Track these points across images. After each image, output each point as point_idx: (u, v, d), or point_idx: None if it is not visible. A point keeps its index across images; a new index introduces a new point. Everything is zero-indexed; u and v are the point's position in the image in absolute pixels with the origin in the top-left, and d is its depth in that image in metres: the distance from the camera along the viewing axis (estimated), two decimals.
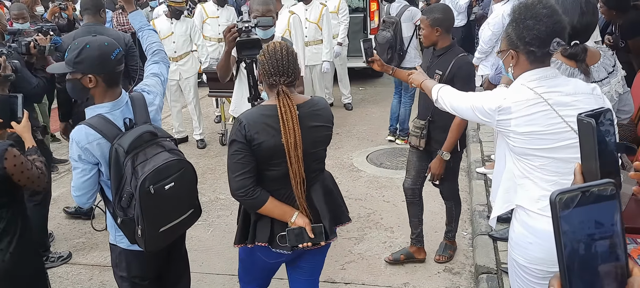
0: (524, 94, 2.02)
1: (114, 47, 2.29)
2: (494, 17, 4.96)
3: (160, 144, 2.28)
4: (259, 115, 2.26)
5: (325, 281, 3.76)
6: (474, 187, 4.89)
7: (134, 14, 2.87)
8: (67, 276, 4.02)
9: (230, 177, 2.27)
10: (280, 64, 2.24)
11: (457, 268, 3.85)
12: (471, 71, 3.40)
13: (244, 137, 2.22)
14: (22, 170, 2.49)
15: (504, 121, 2.05)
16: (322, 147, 2.44)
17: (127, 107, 2.36)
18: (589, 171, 1.06)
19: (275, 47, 2.27)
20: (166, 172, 2.19)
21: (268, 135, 2.22)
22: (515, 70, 2.11)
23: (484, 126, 6.27)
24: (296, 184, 2.30)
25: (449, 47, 3.48)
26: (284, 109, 2.20)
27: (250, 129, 2.21)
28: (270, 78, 2.26)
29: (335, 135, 6.69)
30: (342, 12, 7.20)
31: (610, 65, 2.70)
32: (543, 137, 2.00)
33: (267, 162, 2.27)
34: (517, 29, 2.04)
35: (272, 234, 2.36)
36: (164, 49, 2.83)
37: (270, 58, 2.25)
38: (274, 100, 2.25)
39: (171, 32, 6.25)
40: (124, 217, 2.24)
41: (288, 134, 2.20)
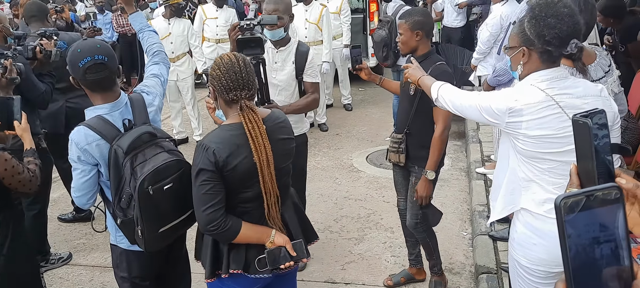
0: (536, 96, 1.97)
1: (83, 55, 2.22)
2: (492, 18, 4.96)
3: (159, 145, 2.28)
4: (228, 137, 2.06)
5: (326, 281, 3.77)
6: (473, 187, 4.90)
7: (135, 16, 2.87)
8: (67, 277, 4.03)
9: (198, 212, 2.06)
10: (240, 76, 2.06)
11: (457, 268, 3.86)
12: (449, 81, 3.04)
13: (214, 164, 2.01)
14: (12, 174, 2.48)
15: (515, 123, 1.99)
16: (289, 160, 2.29)
17: (126, 108, 2.37)
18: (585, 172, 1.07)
19: (230, 59, 2.09)
20: (165, 173, 2.18)
21: (241, 157, 2.04)
22: (524, 68, 2.06)
23: (484, 127, 6.27)
24: (271, 203, 2.14)
25: (428, 54, 3.12)
26: (251, 125, 2.04)
27: (222, 152, 2.01)
28: (229, 94, 2.07)
29: (335, 135, 6.74)
30: (344, 13, 7.21)
31: (606, 65, 2.72)
32: (554, 140, 1.96)
33: (241, 185, 2.10)
34: (537, 27, 1.97)
35: (247, 259, 2.17)
36: (164, 50, 2.83)
37: (228, 71, 2.06)
38: (237, 118, 2.07)
39: (169, 33, 6.26)
40: (124, 218, 2.24)
41: (259, 152, 2.04)
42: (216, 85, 2.09)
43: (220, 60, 2.10)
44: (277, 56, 3.49)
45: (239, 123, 2.05)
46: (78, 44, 2.28)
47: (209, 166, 2.01)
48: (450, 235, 4.27)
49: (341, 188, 5.31)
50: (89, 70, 2.23)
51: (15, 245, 2.62)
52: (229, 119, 2.14)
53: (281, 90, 3.51)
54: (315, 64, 3.56)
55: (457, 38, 7.86)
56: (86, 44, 2.27)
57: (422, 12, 3.24)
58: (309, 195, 5.11)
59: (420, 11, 3.26)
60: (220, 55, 2.15)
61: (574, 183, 1.10)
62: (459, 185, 5.21)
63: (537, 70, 2.03)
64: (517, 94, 2.03)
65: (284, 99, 3.50)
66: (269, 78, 3.29)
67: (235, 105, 2.08)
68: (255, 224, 2.16)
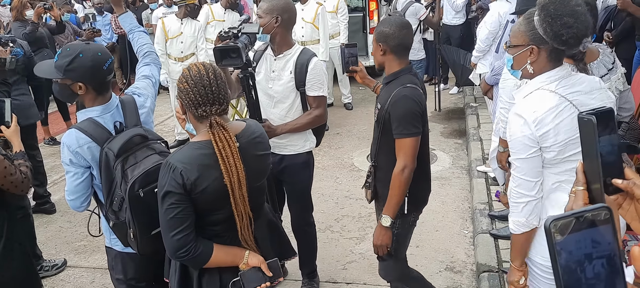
0: (551, 100, 1.91)
1: (106, 57, 2.27)
2: (491, 16, 4.95)
3: (150, 147, 2.27)
4: (196, 156, 1.90)
5: (327, 281, 3.77)
6: (474, 185, 4.88)
7: (124, 16, 2.83)
8: (68, 279, 4.03)
9: (166, 237, 1.92)
10: (209, 90, 1.89)
11: (459, 267, 3.85)
12: (408, 108, 2.49)
13: (181, 187, 1.86)
14: (4, 175, 2.48)
15: (545, 133, 1.91)
16: (265, 177, 2.15)
17: (117, 111, 2.36)
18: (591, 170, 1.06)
19: (199, 70, 1.91)
20: (156, 175, 2.13)
21: (210, 178, 1.89)
22: (534, 68, 1.99)
23: (484, 124, 6.27)
24: (243, 225, 1.99)
25: (398, 73, 2.60)
26: (221, 143, 1.87)
27: (190, 174, 1.86)
28: (198, 109, 1.91)
29: (336, 134, 6.73)
30: (341, 11, 7.19)
31: (610, 62, 2.70)
32: (575, 141, 1.89)
33: (211, 208, 1.96)
34: (554, 25, 1.86)
35: (222, 283, 2.04)
36: (154, 51, 2.81)
37: (196, 84, 1.89)
38: (207, 135, 1.90)
39: (180, 32, 6.25)
40: (116, 221, 2.24)
41: (230, 172, 1.88)
42: (184, 100, 1.94)
43: (188, 71, 1.93)
44: (274, 64, 3.12)
45: (209, 140, 1.90)
46: (91, 47, 2.27)
47: (177, 188, 1.86)
48: (452, 234, 4.26)
49: (342, 187, 5.30)
50: (109, 71, 2.30)
51: (10, 245, 2.61)
52: (199, 135, 1.98)
53: (277, 102, 3.14)
54: (321, 75, 3.11)
55: (457, 36, 7.84)
56: (97, 48, 2.30)
57: (391, 22, 2.59)
58: None
59: (390, 21, 2.60)
60: (188, 65, 1.97)
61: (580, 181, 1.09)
62: (460, 183, 5.20)
63: (544, 68, 1.97)
64: (531, 105, 1.94)
65: (280, 112, 3.14)
66: (265, 88, 3.11)
67: (205, 121, 1.92)
68: (227, 246, 2.03)
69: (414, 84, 2.55)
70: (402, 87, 2.52)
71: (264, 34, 2.97)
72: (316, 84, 3.08)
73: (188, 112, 1.97)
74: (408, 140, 2.49)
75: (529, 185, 1.98)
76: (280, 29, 3.01)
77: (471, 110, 6.98)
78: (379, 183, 2.75)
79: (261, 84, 3.12)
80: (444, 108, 7.51)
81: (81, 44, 2.32)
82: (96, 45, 2.33)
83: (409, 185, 2.53)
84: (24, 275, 2.77)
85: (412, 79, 2.58)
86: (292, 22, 3.12)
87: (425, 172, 2.74)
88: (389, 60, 2.60)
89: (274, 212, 2.35)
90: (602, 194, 1.07)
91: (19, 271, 2.71)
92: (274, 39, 3.04)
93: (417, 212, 2.77)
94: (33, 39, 5.76)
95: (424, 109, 2.56)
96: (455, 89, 8.23)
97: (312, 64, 3.05)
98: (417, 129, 2.51)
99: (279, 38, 3.05)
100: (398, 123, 2.49)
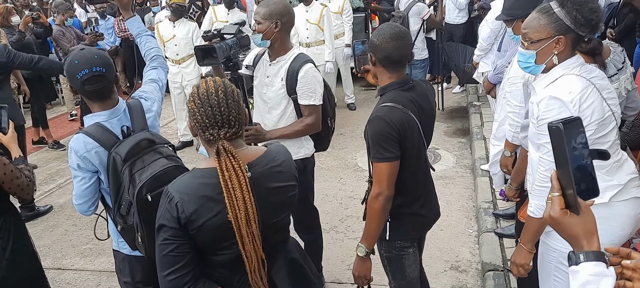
0: (580, 82, 1.98)
1: (81, 67, 2.21)
2: (492, 14, 4.94)
3: (157, 151, 2.27)
4: (197, 186, 1.68)
5: (332, 282, 3.77)
6: (478, 184, 4.88)
7: (132, 20, 2.83)
8: (75, 282, 4.05)
9: (159, 275, 1.71)
10: (217, 111, 1.68)
11: (464, 266, 3.85)
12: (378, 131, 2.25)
13: (176, 220, 1.64)
14: (11, 178, 2.51)
15: (583, 112, 1.95)
16: (286, 212, 1.88)
17: (124, 115, 2.37)
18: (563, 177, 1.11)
19: (208, 88, 1.71)
20: (164, 179, 2.14)
21: (211, 212, 1.66)
22: (559, 58, 2.04)
23: (488, 123, 6.26)
24: (253, 269, 1.73)
25: (386, 88, 2.38)
26: (228, 173, 1.64)
27: (186, 206, 1.64)
28: (205, 132, 1.70)
29: (340, 135, 6.73)
30: (346, 13, 7.20)
31: (620, 61, 2.69)
32: (603, 122, 2.00)
33: (212, 247, 1.73)
34: (583, 12, 1.95)
35: None
36: (162, 55, 2.81)
37: (203, 104, 1.69)
38: (214, 161, 1.68)
39: (173, 35, 6.29)
40: (124, 224, 2.24)
41: (236, 208, 1.64)
42: (192, 121, 1.74)
43: (197, 89, 1.73)
44: (269, 69, 3.05)
45: (215, 168, 1.67)
46: (75, 54, 2.26)
47: (171, 222, 1.65)
48: (456, 233, 4.26)
49: (346, 188, 5.30)
50: (87, 82, 2.23)
51: (17, 248, 2.64)
52: (207, 160, 1.77)
53: (271, 108, 3.09)
54: (312, 83, 2.98)
55: (459, 35, 7.84)
56: (83, 56, 2.24)
57: (385, 31, 2.34)
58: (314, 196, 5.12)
59: (384, 31, 2.35)
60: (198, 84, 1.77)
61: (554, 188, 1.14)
62: (464, 182, 5.20)
63: (564, 58, 2.04)
64: (564, 87, 1.98)
65: (273, 118, 3.08)
66: (260, 93, 3.10)
67: (213, 145, 1.70)
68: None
69: (398, 102, 2.29)
70: (382, 105, 2.31)
71: (264, 40, 2.93)
72: (306, 92, 2.98)
73: (198, 135, 1.76)
74: (381, 165, 2.25)
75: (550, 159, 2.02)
76: (280, 33, 2.95)
77: (474, 109, 6.97)
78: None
79: (257, 89, 3.13)
80: (447, 107, 7.51)
81: (76, 49, 2.33)
82: (81, 53, 2.27)
83: (386, 212, 2.31)
84: (33, 277, 2.79)
85: (400, 95, 2.32)
86: (291, 25, 3.02)
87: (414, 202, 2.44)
88: (379, 72, 2.39)
89: (299, 247, 2.06)
90: (575, 199, 1.12)
91: (28, 273, 2.73)
92: (273, 45, 2.97)
93: (403, 241, 2.48)
94: (20, 47, 5.84)
95: (403, 131, 2.26)
96: (458, 87, 8.23)
97: (303, 72, 2.94)
98: (391, 153, 2.24)
99: (279, 43, 2.98)
100: (371, 145, 2.29)
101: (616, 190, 2.08)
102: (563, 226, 1.16)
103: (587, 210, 1.17)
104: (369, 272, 2.43)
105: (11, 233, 2.64)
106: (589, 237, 1.16)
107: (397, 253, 2.50)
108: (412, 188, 2.40)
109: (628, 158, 2.20)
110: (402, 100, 2.31)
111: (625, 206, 2.10)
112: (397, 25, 2.44)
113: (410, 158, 2.33)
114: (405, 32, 2.41)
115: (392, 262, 2.55)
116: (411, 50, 2.44)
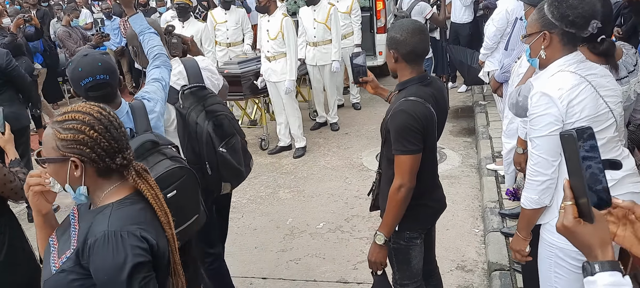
0: (573, 79, 2.01)
1: (85, 75, 2.22)
2: (498, 13, 4.93)
3: (161, 152, 2.26)
4: (138, 213, 1.57)
5: (338, 281, 3.77)
6: (484, 184, 4.87)
7: (135, 18, 2.82)
8: None
9: None
10: (121, 132, 1.61)
11: (470, 265, 3.84)
12: (404, 124, 2.30)
13: (149, 251, 1.52)
14: (4, 182, 2.49)
15: (571, 108, 1.99)
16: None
17: (127, 117, 2.36)
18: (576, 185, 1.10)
19: (100, 112, 1.58)
20: (168, 181, 2.15)
21: (161, 234, 1.62)
22: (547, 53, 2.08)
23: (494, 122, 6.25)
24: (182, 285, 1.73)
25: (407, 83, 2.42)
26: (153, 192, 1.61)
27: (149, 234, 1.54)
28: (115, 159, 1.57)
29: (345, 134, 6.74)
30: (354, 12, 7.19)
31: (632, 63, 2.67)
32: (596, 119, 2.01)
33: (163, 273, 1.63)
34: (560, 8, 2.01)
35: None
36: (165, 53, 2.79)
37: (107, 129, 1.56)
38: (127, 188, 1.61)
39: None
40: None
41: (170, 224, 1.63)
42: (87, 154, 1.53)
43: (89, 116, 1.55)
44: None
45: (134, 193, 1.60)
46: (79, 61, 2.26)
47: (145, 256, 1.50)
48: (462, 232, 4.26)
49: (351, 187, 5.30)
50: (91, 90, 2.26)
51: (13, 251, 2.62)
52: (111, 194, 1.60)
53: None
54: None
55: (465, 34, 7.81)
56: (87, 63, 2.24)
57: (405, 27, 2.38)
58: (320, 195, 5.14)
59: (401, 26, 2.39)
60: (75, 106, 1.59)
61: (567, 197, 1.13)
62: (469, 181, 5.19)
63: (559, 55, 2.07)
64: (555, 83, 2.02)
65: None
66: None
67: (117, 173, 1.60)
68: None
69: (420, 96, 2.34)
70: (404, 99, 2.35)
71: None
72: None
73: (89, 168, 1.56)
74: (405, 157, 2.32)
75: (547, 164, 2.05)
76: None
77: (480, 109, 6.96)
78: (381, 194, 2.61)
79: None
80: (453, 106, 7.49)
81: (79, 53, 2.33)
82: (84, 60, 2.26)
83: (407, 203, 2.38)
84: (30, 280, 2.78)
85: (421, 90, 2.38)
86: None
87: (425, 193, 2.52)
88: (401, 67, 2.43)
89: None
90: (589, 208, 1.11)
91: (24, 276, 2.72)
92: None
93: (412, 231, 2.55)
94: (11, 48, 5.86)
95: (426, 124, 2.33)
96: (463, 87, 8.21)
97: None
98: (415, 146, 2.31)
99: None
100: (394, 138, 2.33)
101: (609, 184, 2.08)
102: (577, 235, 1.14)
103: (601, 219, 1.15)
104: (385, 259, 2.50)
105: (7, 236, 2.63)
106: (603, 247, 1.14)
107: (406, 243, 2.56)
108: (424, 179, 2.46)
109: (629, 155, 2.20)
110: (424, 95, 2.37)
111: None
112: (414, 19, 2.54)
113: (428, 152, 2.41)
114: (424, 25, 2.50)
115: (400, 253, 2.59)
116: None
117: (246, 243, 4.41)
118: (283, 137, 6.37)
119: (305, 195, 5.22)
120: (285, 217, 4.79)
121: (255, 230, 4.62)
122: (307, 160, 6.10)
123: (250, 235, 4.54)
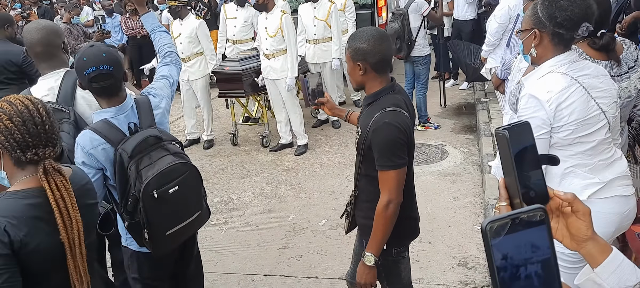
0: (563, 81, 2.00)
1: (89, 65, 2.21)
2: (500, 9, 4.92)
3: (164, 148, 2.28)
4: (22, 208, 1.59)
5: (340, 278, 3.77)
6: (486, 181, 4.86)
7: (147, 16, 2.86)
8: None
9: None
10: (42, 129, 1.63)
11: (472, 262, 3.84)
12: (390, 137, 2.17)
13: (7, 246, 1.53)
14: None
15: (559, 112, 1.99)
16: (95, 231, 1.91)
17: (132, 111, 2.37)
18: (511, 185, 1.07)
19: (26, 106, 1.63)
20: (170, 176, 2.16)
21: (42, 234, 1.59)
22: (538, 51, 2.08)
23: (495, 120, 6.24)
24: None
25: (379, 94, 2.27)
26: (59, 193, 1.60)
27: (16, 230, 1.55)
28: (26, 152, 1.61)
29: (346, 132, 6.72)
30: (348, 9, 7.21)
31: (632, 59, 2.66)
32: (586, 122, 2.00)
33: (42, 272, 1.64)
34: (550, 8, 2.01)
35: None
36: (175, 51, 2.82)
37: (25, 122, 1.61)
38: (33, 182, 1.62)
39: (179, 33, 6.28)
40: (131, 221, 2.25)
41: (68, 228, 1.60)
42: (2, 142, 1.61)
43: (10, 106, 1.62)
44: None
45: (37, 188, 1.62)
46: (84, 51, 2.27)
47: (3, 249, 1.53)
48: (464, 229, 4.25)
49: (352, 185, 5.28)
50: (94, 79, 2.23)
51: None
52: (20, 182, 1.65)
53: None
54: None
55: (468, 31, 7.80)
56: (92, 53, 2.24)
57: (369, 35, 2.24)
58: (321, 192, 5.14)
59: (368, 34, 2.25)
60: (8, 96, 1.67)
61: (502, 197, 1.11)
62: (471, 179, 5.18)
63: (550, 54, 2.06)
64: (544, 86, 2.01)
65: None
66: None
67: (31, 166, 1.64)
68: None
69: (396, 105, 2.22)
70: (382, 111, 2.19)
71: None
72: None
73: (5, 155, 1.63)
74: (392, 172, 2.19)
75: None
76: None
77: (482, 106, 6.95)
78: (358, 212, 2.48)
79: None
80: (455, 103, 7.48)
81: (85, 45, 2.35)
82: (89, 50, 2.27)
83: (395, 220, 2.25)
84: None
85: (395, 99, 2.25)
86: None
87: (408, 206, 2.38)
88: (370, 78, 2.26)
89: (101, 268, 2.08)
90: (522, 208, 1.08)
91: None
92: None
93: (399, 247, 2.44)
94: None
95: (410, 134, 2.24)
96: (465, 84, 8.20)
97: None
98: (402, 159, 2.20)
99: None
100: (380, 154, 2.19)
101: (596, 187, 2.09)
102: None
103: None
104: (375, 280, 2.39)
105: None
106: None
107: (394, 259, 2.46)
108: (408, 190, 2.36)
109: (621, 157, 2.18)
110: (399, 103, 2.25)
111: (607, 203, 2.10)
112: (373, 27, 2.38)
113: (410, 162, 2.31)
114: (385, 31, 2.46)
115: (388, 268, 2.48)
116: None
117: (248, 240, 4.41)
118: (284, 135, 6.36)
119: (307, 192, 5.22)
120: (287, 214, 4.79)
121: (256, 227, 4.62)
122: (308, 158, 6.09)
123: (251, 232, 4.54)
